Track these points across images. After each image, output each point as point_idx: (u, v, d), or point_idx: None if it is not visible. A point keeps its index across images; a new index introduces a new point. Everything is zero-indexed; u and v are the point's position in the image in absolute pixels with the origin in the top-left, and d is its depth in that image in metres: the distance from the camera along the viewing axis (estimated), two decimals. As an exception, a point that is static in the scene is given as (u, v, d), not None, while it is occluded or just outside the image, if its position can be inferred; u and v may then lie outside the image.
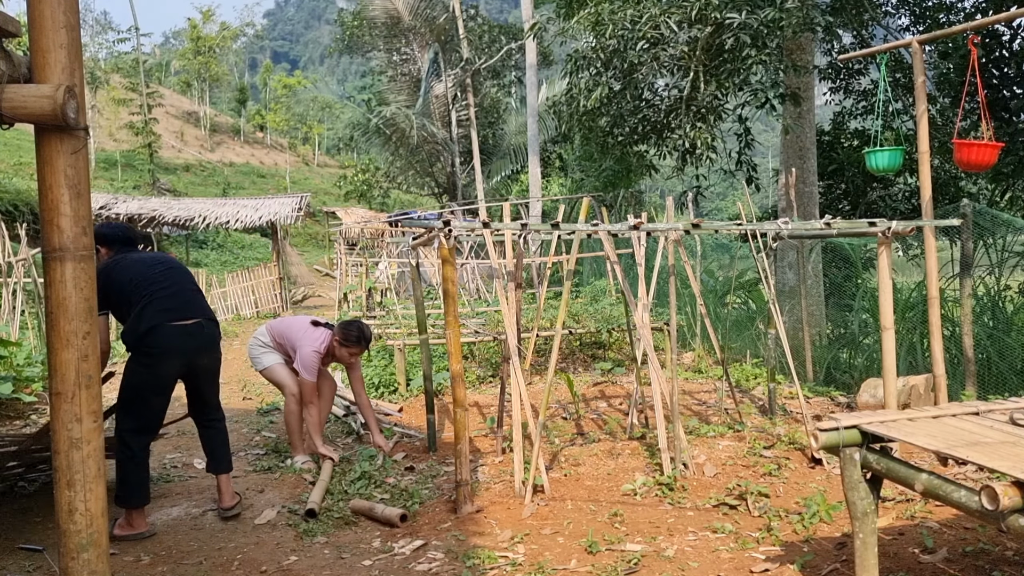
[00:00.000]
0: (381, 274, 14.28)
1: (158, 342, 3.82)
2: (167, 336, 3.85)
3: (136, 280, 3.90)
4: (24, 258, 9.82)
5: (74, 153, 1.87)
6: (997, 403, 3.01)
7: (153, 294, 3.88)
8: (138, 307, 3.84)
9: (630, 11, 7.04)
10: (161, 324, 3.84)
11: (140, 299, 3.85)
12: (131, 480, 3.83)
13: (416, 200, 36.56)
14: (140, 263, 4.02)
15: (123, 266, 3.95)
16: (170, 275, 4.04)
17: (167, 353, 3.86)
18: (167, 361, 3.87)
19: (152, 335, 3.81)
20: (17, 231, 10.83)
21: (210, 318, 4.13)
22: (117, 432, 3.85)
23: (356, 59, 34.64)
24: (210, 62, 50.76)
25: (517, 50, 25.31)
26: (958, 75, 8.71)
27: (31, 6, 1.82)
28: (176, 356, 3.90)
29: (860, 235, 6.35)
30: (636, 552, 3.45)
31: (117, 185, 33.51)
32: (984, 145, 4.87)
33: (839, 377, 7.22)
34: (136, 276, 3.91)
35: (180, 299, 3.99)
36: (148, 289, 3.89)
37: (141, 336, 3.80)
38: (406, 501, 4.22)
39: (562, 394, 6.89)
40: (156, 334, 3.81)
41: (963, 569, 3.14)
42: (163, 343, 3.84)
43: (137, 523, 3.85)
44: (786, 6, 6.34)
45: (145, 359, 3.84)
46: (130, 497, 3.83)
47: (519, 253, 5.10)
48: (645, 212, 7.44)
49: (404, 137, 24.80)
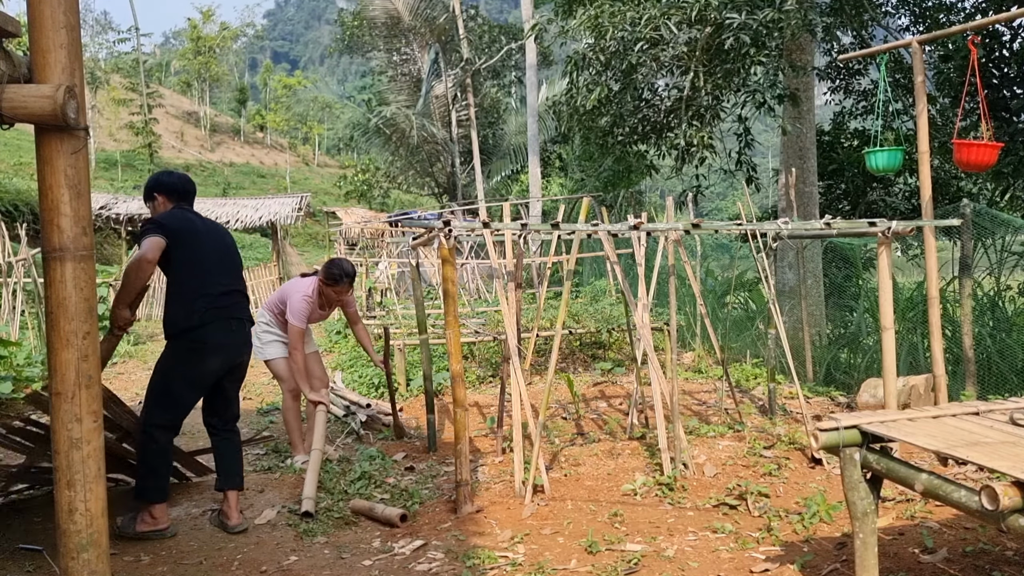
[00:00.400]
0: (381, 274, 14.28)
1: (207, 337, 3.69)
2: (217, 333, 3.73)
3: (196, 260, 3.73)
4: (24, 258, 9.83)
5: (74, 153, 1.87)
6: (997, 403, 3.01)
7: (206, 284, 3.72)
8: (191, 294, 3.68)
9: (630, 13, 7.04)
10: (214, 320, 3.71)
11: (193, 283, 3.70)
12: (160, 473, 3.74)
13: (416, 200, 36.55)
14: (205, 240, 3.81)
15: (189, 234, 3.74)
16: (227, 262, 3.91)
17: (215, 350, 3.73)
18: (212, 358, 3.73)
19: (202, 330, 3.68)
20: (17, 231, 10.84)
21: (249, 316, 4.01)
22: (144, 425, 3.73)
23: (356, 59, 34.62)
24: (210, 62, 50.75)
25: (517, 50, 25.31)
26: (958, 75, 8.70)
27: (31, 6, 1.82)
28: (221, 354, 3.77)
29: (860, 235, 6.35)
30: (636, 552, 3.45)
31: (117, 185, 33.51)
32: (984, 145, 4.87)
33: (839, 377, 7.22)
34: (196, 256, 3.73)
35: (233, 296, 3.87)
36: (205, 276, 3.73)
37: (190, 329, 3.67)
38: (406, 501, 4.22)
39: (562, 394, 6.89)
40: (207, 329, 3.69)
41: (963, 569, 3.14)
42: (213, 339, 3.71)
43: (160, 517, 3.77)
44: (785, 7, 6.35)
45: (189, 353, 3.70)
46: (153, 490, 3.73)
47: (519, 253, 5.10)
48: (645, 212, 7.44)
49: (404, 137, 24.80)
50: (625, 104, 8.09)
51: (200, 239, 3.79)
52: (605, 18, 7.22)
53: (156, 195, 3.87)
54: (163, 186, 3.90)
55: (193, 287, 3.70)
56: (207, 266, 3.77)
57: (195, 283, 3.71)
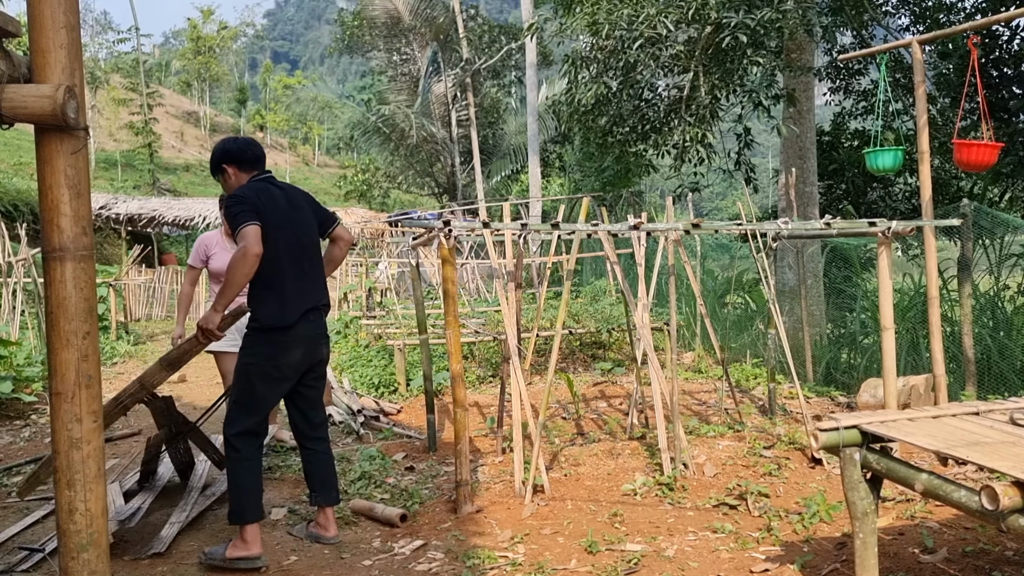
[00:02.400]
0: (381, 274, 14.27)
1: (289, 328, 3.36)
2: (303, 325, 3.41)
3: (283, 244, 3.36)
4: (24, 258, 9.82)
5: (74, 153, 1.87)
6: (997, 403, 3.01)
7: (285, 269, 3.37)
8: (274, 283, 3.34)
9: (627, 11, 7.05)
10: (296, 308, 3.38)
11: (275, 267, 3.33)
12: (246, 488, 3.36)
13: (416, 200, 36.54)
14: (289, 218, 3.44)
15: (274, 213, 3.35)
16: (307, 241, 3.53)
17: (296, 342, 3.39)
18: (293, 351, 3.39)
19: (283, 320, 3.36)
20: (17, 231, 10.84)
21: (327, 302, 3.62)
22: (226, 435, 3.41)
23: (356, 59, 34.63)
24: (210, 62, 50.73)
25: (517, 50, 25.31)
26: (958, 75, 8.71)
27: (31, 6, 1.82)
28: (302, 346, 3.43)
29: (860, 235, 6.35)
30: (636, 552, 3.45)
31: (117, 185, 33.51)
32: (984, 145, 4.88)
33: (839, 377, 7.22)
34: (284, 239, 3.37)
35: (313, 279, 3.52)
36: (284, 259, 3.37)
37: (283, 324, 3.35)
38: (406, 501, 4.22)
39: (562, 394, 6.89)
40: (287, 319, 3.37)
41: (963, 569, 3.14)
42: (300, 332, 3.39)
43: (252, 541, 3.36)
44: (783, 7, 6.35)
45: (268, 347, 3.37)
46: (239, 512, 3.35)
47: (519, 253, 5.10)
48: (645, 212, 7.44)
49: (404, 137, 24.81)
50: (624, 103, 8.09)
51: (284, 221, 3.40)
52: (602, 16, 7.22)
53: (225, 167, 3.54)
54: (230, 155, 3.53)
55: (275, 267, 3.34)
56: (295, 252, 3.42)
57: (278, 272, 3.35)
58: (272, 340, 3.37)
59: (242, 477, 3.38)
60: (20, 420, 6.68)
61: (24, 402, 6.89)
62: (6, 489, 4.69)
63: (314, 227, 3.61)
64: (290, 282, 3.39)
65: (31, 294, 10.20)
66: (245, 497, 3.37)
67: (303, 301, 3.42)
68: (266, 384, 3.41)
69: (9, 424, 6.54)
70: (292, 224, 3.45)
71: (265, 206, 3.32)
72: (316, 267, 3.56)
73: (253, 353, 3.40)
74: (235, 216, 3.23)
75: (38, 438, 6.04)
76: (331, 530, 3.70)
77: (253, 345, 3.40)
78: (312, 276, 3.52)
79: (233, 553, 3.35)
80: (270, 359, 3.37)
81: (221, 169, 3.57)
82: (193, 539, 3.79)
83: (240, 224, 3.20)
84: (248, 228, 3.18)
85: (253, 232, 3.18)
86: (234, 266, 3.17)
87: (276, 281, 3.35)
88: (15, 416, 6.75)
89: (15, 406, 6.86)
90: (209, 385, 8.70)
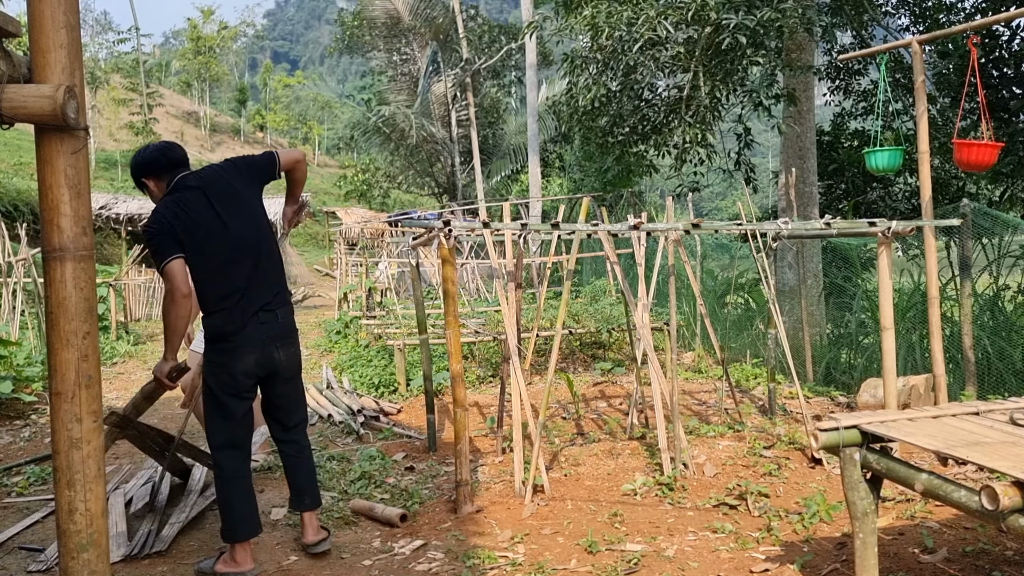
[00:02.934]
0: (381, 274, 14.27)
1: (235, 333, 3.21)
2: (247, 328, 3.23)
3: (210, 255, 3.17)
4: (24, 258, 9.82)
5: (74, 153, 1.87)
6: (997, 403, 3.01)
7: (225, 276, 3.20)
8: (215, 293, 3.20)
9: (627, 13, 7.05)
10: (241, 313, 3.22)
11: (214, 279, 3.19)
12: (232, 506, 3.25)
13: (416, 200, 36.55)
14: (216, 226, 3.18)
15: (195, 225, 3.14)
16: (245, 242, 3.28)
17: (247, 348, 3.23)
18: (245, 358, 3.23)
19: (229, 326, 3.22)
20: (17, 231, 10.84)
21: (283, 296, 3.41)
22: (210, 451, 3.36)
23: (356, 59, 34.62)
24: (210, 62, 50.75)
25: (517, 50, 25.31)
26: (958, 75, 8.71)
27: (31, 6, 1.82)
28: (255, 351, 3.25)
29: (860, 235, 6.35)
30: (636, 552, 3.45)
31: (117, 185, 33.50)
32: (984, 145, 4.87)
33: (839, 377, 7.22)
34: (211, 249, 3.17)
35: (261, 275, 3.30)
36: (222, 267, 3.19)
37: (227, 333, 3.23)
38: (406, 501, 4.22)
39: (562, 394, 6.89)
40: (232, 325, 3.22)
41: (963, 569, 3.14)
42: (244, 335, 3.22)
43: (242, 560, 3.26)
44: (783, 7, 6.35)
45: (219, 355, 3.25)
46: (228, 530, 3.26)
47: (519, 253, 5.10)
48: (645, 212, 7.44)
49: (404, 137, 24.81)
50: (624, 104, 8.09)
51: (210, 227, 3.16)
52: (602, 18, 7.22)
53: (145, 181, 3.30)
54: (147, 167, 3.28)
55: (215, 288, 3.20)
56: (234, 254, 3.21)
57: (217, 284, 3.20)
58: (222, 348, 3.24)
59: (228, 495, 3.27)
60: (20, 420, 6.68)
61: (24, 402, 6.89)
62: (6, 489, 4.69)
63: (255, 209, 3.35)
64: (232, 287, 3.19)
65: (31, 294, 10.20)
66: (233, 516, 3.26)
67: (250, 303, 3.22)
68: (225, 393, 3.26)
69: (9, 424, 6.54)
70: (222, 225, 3.18)
71: (184, 222, 3.12)
72: (263, 261, 3.29)
73: (209, 362, 3.30)
74: (155, 252, 3.09)
75: (38, 438, 6.04)
76: (308, 535, 3.50)
77: (208, 355, 3.30)
78: (260, 272, 3.27)
79: (222, 569, 3.26)
80: (223, 367, 3.24)
81: (142, 184, 3.34)
82: (193, 539, 3.79)
83: (161, 261, 3.07)
84: (170, 265, 3.05)
85: (177, 269, 3.06)
86: (167, 312, 3.10)
87: (217, 290, 3.20)
88: (15, 416, 6.76)
89: (15, 406, 6.86)
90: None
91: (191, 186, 3.22)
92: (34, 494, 4.58)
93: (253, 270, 3.24)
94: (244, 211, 3.28)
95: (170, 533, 3.72)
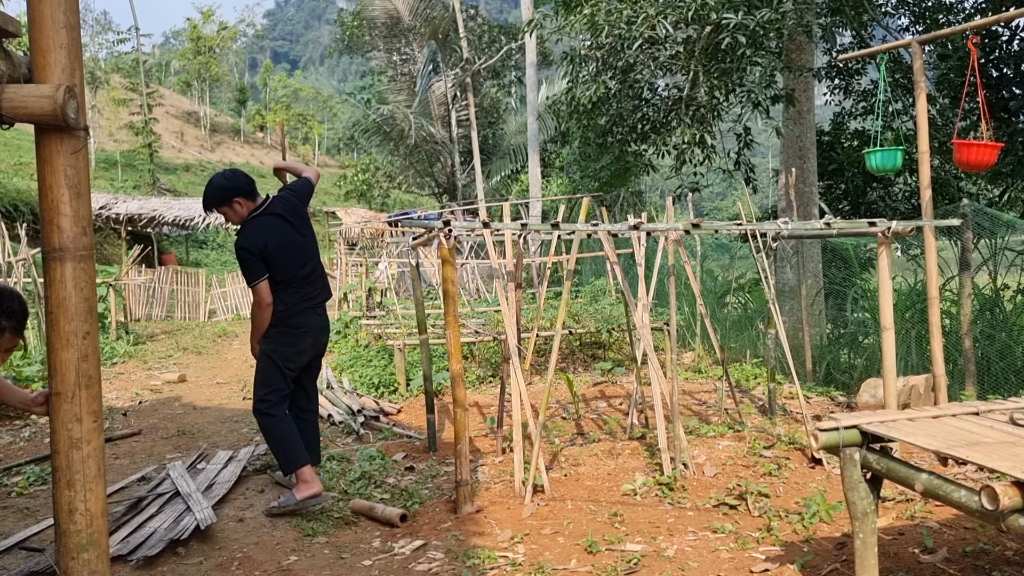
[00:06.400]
0: (381, 274, 14.27)
1: (302, 322, 4.14)
2: (310, 317, 4.19)
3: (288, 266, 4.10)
4: (24, 258, 9.83)
5: (74, 153, 1.86)
6: (997, 403, 3.01)
7: (297, 282, 4.12)
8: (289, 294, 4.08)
9: (626, 12, 7.05)
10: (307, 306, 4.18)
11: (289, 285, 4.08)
12: (290, 442, 4.02)
13: (416, 200, 36.54)
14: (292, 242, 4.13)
15: (283, 247, 4.07)
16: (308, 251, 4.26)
17: (308, 331, 4.17)
18: (306, 338, 4.17)
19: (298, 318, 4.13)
20: (17, 231, 10.84)
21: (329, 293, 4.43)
22: (258, 408, 4.07)
23: (356, 59, 34.62)
24: (210, 62, 50.72)
25: (517, 50, 25.30)
26: (958, 75, 8.71)
27: (31, 6, 1.82)
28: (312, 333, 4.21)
29: (860, 235, 6.35)
30: (636, 552, 3.45)
31: (117, 185, 33.51)
32: (984, 145, 4.87)
33: (839, 377, 7.22)
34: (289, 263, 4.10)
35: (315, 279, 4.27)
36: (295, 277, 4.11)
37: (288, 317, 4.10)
38: (406, 501, 4.22)
39: (562, 394, 6.89)
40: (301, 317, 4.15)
41: (963, 569, 3.14)
42: (307, 323, 4.16)
43: (312, 480, 3.97)
44: (782, 8, 6.35)
45: (288, 337, 4.12)
46: (297, 458, 3.98)
47: (519, 253, 5.10)
48: (645, 212, 7.44)
49: (404, 136, 24.80)
50: (624, 103, 8.09)
51: (294, 245, 4.10)
52: (601, 16, 7.22)
53: (236, 200, 4.07)
54: (240, 190, 4.07)
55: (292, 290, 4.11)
56: (303, 269, 4.15)
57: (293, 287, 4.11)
58: (292, 332, 4.11)
59: (282, 432, 4.02)
60: (20, 420, 6.68)
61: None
62: (6, 489, 4.69)
63: (310, 227, 4.28)
64: (301, 290, 4.13)
65: (31, 294, 10.20)
66: (291, 447, 4.01)
67: (312, 300, 4.20)
68: (287, 366, 4.13)
69: (9, 424, 6.54)
70: (295, 245, 4.13)
71: (275, 243, 3.99)
72: (319, 266, 4.29)
73: (274, 342, 4.09)
74: (247, 272, 3.98)
75: (38, 438, 6.04)
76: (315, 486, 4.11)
77: (277, 337, 4.09)
78: (315, 276, 4.24)
79: (302, 494, 3.92)
80: (291, 346, 4.11)
81: (229, 202, 4.07)
82: (193, 539, 3.79)
83: (252, 281, 3.97)
84: (260, 285, 3.96)
85: (264, 288, 3.97)
86: (254, 316, 4.10)
87: (293, 292, 4.10)
88: (15, 416, 6.75)
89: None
90: (209, 385, 8.70)
91: (276, 213, 4.13)
92: (34, 494, 4.58)
93: (313, 273, 4.22)
94: (308, 229, 4.26)
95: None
